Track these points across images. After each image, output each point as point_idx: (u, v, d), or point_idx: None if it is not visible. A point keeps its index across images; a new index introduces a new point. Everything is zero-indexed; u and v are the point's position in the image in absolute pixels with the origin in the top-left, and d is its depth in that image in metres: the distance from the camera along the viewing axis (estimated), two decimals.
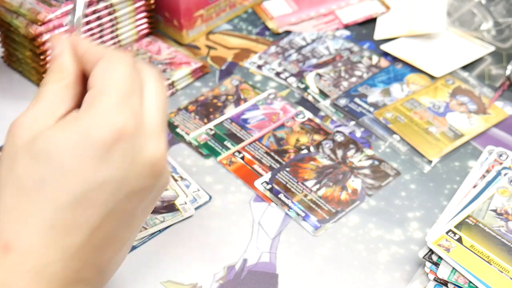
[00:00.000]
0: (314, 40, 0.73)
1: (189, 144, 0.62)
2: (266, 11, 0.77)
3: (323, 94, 0.67)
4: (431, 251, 0.49)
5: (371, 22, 0.76)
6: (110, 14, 0.66)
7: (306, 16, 0.76)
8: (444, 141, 0.61)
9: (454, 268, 0.47)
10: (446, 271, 0.48)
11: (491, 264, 0.48)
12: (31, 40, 0.62)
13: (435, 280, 0.48)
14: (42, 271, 0.36)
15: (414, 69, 0.69)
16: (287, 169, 0.59)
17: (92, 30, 0.66)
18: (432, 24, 0.73)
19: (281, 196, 0.56)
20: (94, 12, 0.65)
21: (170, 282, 0.50)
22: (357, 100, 0.66)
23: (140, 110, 0.37)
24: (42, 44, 0.62)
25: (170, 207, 0.55)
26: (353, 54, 0.71)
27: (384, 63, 0.70)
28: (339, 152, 0.60)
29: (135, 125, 0.37)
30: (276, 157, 0.60)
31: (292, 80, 0.68)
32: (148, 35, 0.72)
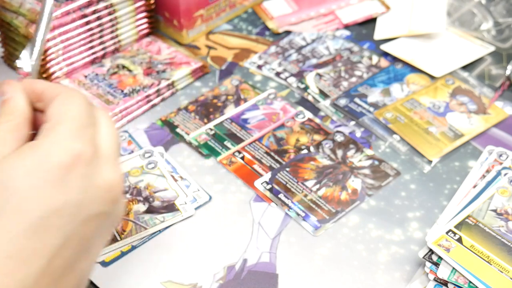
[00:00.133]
0: (314, 40, 0.73)
1: (189, 144, 0.62)
2: (266, 11, 0.77)
3: (323, 94, 0.66)
4: (431, 251, 0.49)
5: (371, 22, 0.76)
6: (110, 14, 0.66)
7: (306, 16, 0.76)
8: (444, 141, 0.61)
9: (454, 268, 0.47)
10: (446, 271, 0.48)
11: (491, 264, 0.48)
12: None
13: (435, 280, 0.48)
14: None
15: (414, 69, 0.69)
16: (287, 169, 0.59)
17: (92, 30, 0.66)
18: (432, 24, 0.73)
19: (281, 196, 0.56)
20: (94, 12, 0.65)
21: (170, 282, 0.50)
22: (357, 100, 0.66)
23: (96, 139, 0.39)
24: None
25: (170, 207, 0.55)
26: (353, 54, 0.71)
27: (384, 63, 0.70)
28: (339, 152, 0.60)
29: (92, 152, 0.38)
30: (276, 157, 0.60)
31: (292, 80, 0.68)
32: (148, 35, 0.72)
